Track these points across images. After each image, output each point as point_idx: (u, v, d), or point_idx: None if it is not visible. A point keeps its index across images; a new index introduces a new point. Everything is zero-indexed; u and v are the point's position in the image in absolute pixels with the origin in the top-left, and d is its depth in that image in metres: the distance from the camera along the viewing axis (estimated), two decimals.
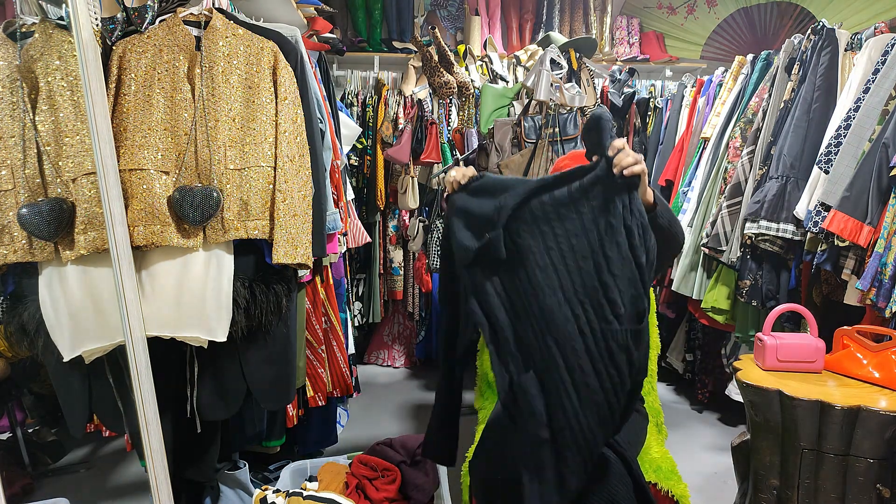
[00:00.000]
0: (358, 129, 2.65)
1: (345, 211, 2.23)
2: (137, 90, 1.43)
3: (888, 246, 1.67)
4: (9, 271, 1.49)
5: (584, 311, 1.20)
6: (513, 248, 1.25)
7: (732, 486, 2.16)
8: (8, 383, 2.04)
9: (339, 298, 2.26)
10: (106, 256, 1.40)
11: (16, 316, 1.45)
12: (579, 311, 1.20)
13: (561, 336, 1.21)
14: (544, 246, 1.23)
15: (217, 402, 1.63)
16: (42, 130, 1.40)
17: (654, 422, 1.71)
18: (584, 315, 1.20)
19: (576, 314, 1.21)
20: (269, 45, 1.52)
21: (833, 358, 1.60)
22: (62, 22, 1.42)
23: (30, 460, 2.25)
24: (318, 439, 2.28)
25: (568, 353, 1.21)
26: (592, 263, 1.20)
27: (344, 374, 2.18)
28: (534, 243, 1.23)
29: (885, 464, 1.35)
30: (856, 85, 1.99)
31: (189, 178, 1.46)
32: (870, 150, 1.81)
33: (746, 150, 2.38)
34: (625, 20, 4.16)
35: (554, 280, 1.22)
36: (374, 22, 3.89)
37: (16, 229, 1.39)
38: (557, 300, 1.22)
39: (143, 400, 1.40)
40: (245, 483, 1.95)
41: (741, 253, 2.30)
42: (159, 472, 1.43)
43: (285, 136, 1.51)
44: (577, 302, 1.21)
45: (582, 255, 1.20)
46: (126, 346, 1.39)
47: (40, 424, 2.41)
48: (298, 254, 1.52)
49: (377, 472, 1.70)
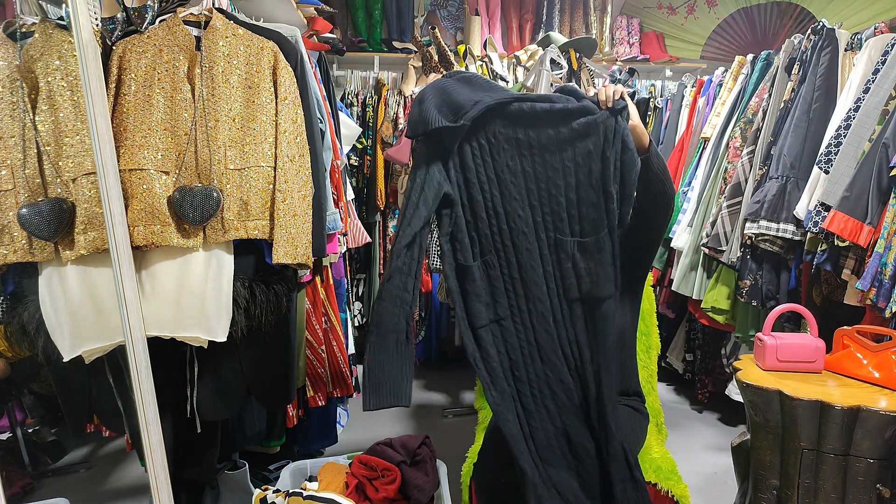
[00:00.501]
0: (358, 129, 2.65)
1: (345, 211, 2.23)
2: (137, 90, 1.43)
3: (888, 246, 1.67)
4: (9, 271, 1.49)
5: (544, 220, 1.28)
6: (485, 146, 1.28)
7: (732, 486, 2.16)
8: (8, 383, 2.04)
9: (339, 298, 2.26)
10: (106, 256, 1.40)
11: (16, 316, 1.45)
12: (539, 218, 1.29)
13: (518, 237, 1.29)
14: (517, 152, 1.28)
15: (217, 402, 1.63)
16: (42, 130, 1.40)
17: (654, 422, 1.71)
18: (543, 223, 1.28)
19: (535, 220, 1.29)
20: (269, 45, 1.52)
21: (833, 358, 1.60)
22: (62, 22, 1.42)
23: (30, 460, 2.25)
24: (318, 439, 2.28)
25: (522, 254, 1.29)
26: (562, 179, 1.27)
27: (344, 374, 2.18)
28: (507, 147, 1.28)
29: (885, 464, 1.35)
30: (856, 85, 1.99)
31: (189, 178, 1.46)
32: (870, 150, 1.81)
33: (746, 150, 2.38)
34: (625, 20, 4.16)
35: (521, 185, 1.28)
36: (374, 22, 3.89)
37: (16, 229, 1.39)
38: (521, 203, 1.29)
39: (143, 400, 1.40)
40: (245, 483, 1.94)
41: (741, 253, 2.30)
42: (159, 472, 1.43)
43: (285, 136, 1.51)
44: (539, 210, 1.28)
45: (553, 168, 1.27)
46: (126, 346, 1.39)
47: (40, 424, 2.41)
48: (298, 254, 1.52)
49: (377, 472, 1.70)
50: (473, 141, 1.28)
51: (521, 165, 1.27)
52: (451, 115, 1.24)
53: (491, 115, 1.26)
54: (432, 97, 1.26)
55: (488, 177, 1.29)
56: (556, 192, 1.27)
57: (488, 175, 1.29)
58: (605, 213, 1.25)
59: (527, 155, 1.27)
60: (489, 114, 1.26)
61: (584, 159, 1.24)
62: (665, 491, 1.42)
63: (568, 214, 1.27)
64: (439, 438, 1.57)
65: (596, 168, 1.24)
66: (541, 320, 1.30)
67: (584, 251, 1.26)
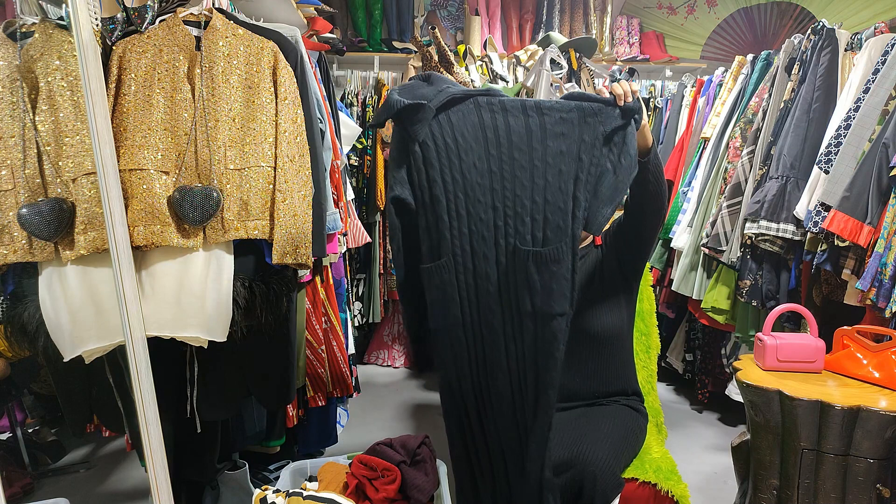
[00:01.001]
0: (358, 129, 2.65)
1: (345, 211, 2.23)
2: (137, 90, 1.43)
3: (888, 246, 1.67)
4: (9, 271, 1.49)
5: (506, 224, 1.23)
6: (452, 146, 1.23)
7: (732, 486, 2.16)
8: (8, 383, 2.04)
9: (339, 298, 2.26)
10: (106, 256, 1.40)
11: (16, 316, 1.45)
12: (501, 222, 1.23)
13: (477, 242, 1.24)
14: (485, 152, 1.22)
15: (217, 402, 1.63)
16: (42, 130, 1.40)
17: (654, 422, 1.71)
18: (504, 228, 1.23)
19: (496, 224, 1.23)
20: (269, 45, 1.52)
21: (833, 358, 1.60)
22: (62, 22, 1.42)
23: (30, 460, 2.25)
24: (318, 439, 2.28)
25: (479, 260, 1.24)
26: (530, 180, 1.20)
27: (344, 374, 2.18)
28: (475, 146, 1.22)
29: (885, 464, 1.35)
30: (856, 85, 1.99)
31: (189, 178, 1.46)
32: (870, 150, 1.81)
33: (746, 150, 2.38)
34: (625, 20, 4.16)
35: (487, 186, 1.22)
36: (374, 22, 3.89)
37: (16, 229, 1.39)
38: (484, 206, 1.23)
39: (143, 400, 1.40)
40: (245, 483, 1.95)
41: (741, 253, 2.30)
42: (159, 473, 1.43)
43: (285, 136, 1.51)
44: (501, 212, 1.23)
45: (521, 167, 1.21)
46: (126, 346, 1.39)
47: (40, 424, 2.41)
48: (298, 254, 1.52)
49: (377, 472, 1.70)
50: (440, 139, 1.22)
51: (489, 165, 1.22)
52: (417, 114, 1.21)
53: (460, 112, 1.21)
54: (399, 90, 1.23)
55: (453, 177, 1.23)
56: (521, 193, 1.21)
57: (454, 175, 1.23)
58: (570, 220, 1.19)
59: (494, 154, 1.22)
60: (457, 111, 1.21)
61: (555, 160, 1.19)
62: (665, 491, 1.42)
63: (531, 219, 1.21)
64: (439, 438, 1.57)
65: (567, 170, 1.18)
66: (490, 331, 1.26)
67: (541, 263, 1.20)
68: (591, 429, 1.42)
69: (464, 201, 1.23)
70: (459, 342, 1.27)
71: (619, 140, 1.20)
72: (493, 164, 1.22)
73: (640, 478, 1.43)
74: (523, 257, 1.20)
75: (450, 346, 1.28)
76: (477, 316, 1.26)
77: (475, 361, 1.28)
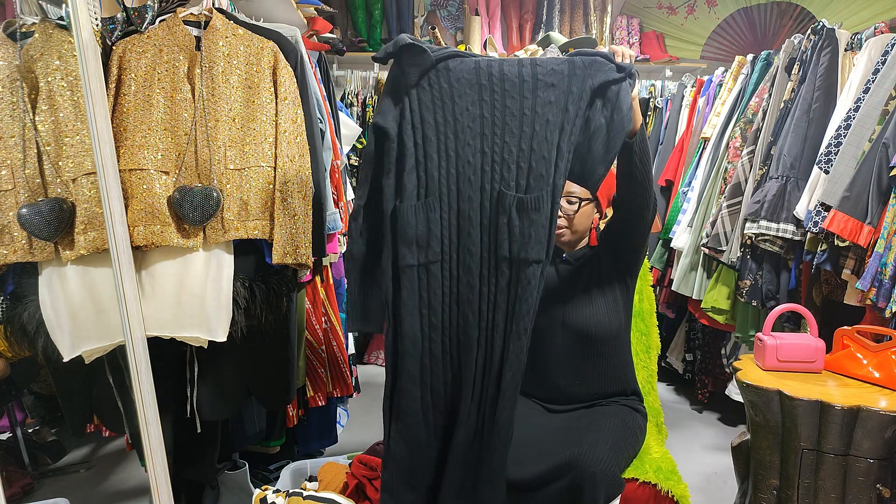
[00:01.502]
0: (358, 129, 2.65)
1: (345, 211, 2.23)
2: (137, 90, 1.43)
3: (888, 246, 1.67)
4: (9, 271, 1.49)
5: (493, 169, 1.26)
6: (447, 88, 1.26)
7: (732, 486, 2.16)
8: (8, 383, 2.04)
9: (339, 298, 2.26)
10: (106, 256, 1.40)
11: (16, 316, 1.45)
12: (488, 167, 1.26)
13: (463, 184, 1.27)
14: (478, 97, 1.25)
15: (217, 402, 1.63)
16: (42, 130, 1.40)
17: (653, 422, 1.71)
18: (491, 173, 1.26)
19: (483, 169, 1.26)
20: (269, 45, 1.52)
21: (833, 358, 1.60)
22: (62, 22, 1.42)
23: (30, 460, 2.25)
24: (318, 439, 2.28)
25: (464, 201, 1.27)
26: (518, 128, 1.24)
27: (344, 374, 2.18)
28: (469, 92, 1.25)
29: (885, 464, 1.35)
30: (856, 85, 1.99)
31: (189, 178, 1.46)
32: (870, 150, 1.81)
33: (746, 150, 2.38)
34: (625, 20, 4.16)
35: (477, 130, 1.26)
36: (374, 22, 3.89)
37: (16, 229, 1.39)
38: (472, 150, 1.26)
39: (143, 400, 1.40)
40: (245, 483, 1.95)
41: (741, 253, 2.30)
42: (159, 473, 1.43)
43: (285, 136, 1.51)
44: (489, 157, 1.26)
45: (511, 114, 1.24)
46: (126, 346, 1.40)
47: (40, 424, 2.41)
48: (298, 254, 1.52)
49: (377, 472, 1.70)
50: (435, 82, 1.25)
51: (481, 110, 1.25)
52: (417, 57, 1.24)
53: (458, 60, 1.25)
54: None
55: (445, 118, 1.26)
56: (509, 139, 1.24)
57: (446, 117, 1.26)
58: (553, 169, 1.23)
59: (487, 101, 1.24)
60: (456, 59, 1.25)
61: (544, 109, 1.22)
62: (665, 491, 1.42)
63: (517, 165, 1.24)
64: None
65: (554, 120, 1.22)
66: (466, 272, 1.28)
67: (522, 209, 1.24)
68: (590, 430, 1.41)
69: (454, 143, 1.26)
70: (436, 279, 1.29)
71: (613, 96, 1.23)
72: (485, 110, 1.25)
73: (640, 478, 1.43)
74: (506, 202, 1.24)
75: (426, 284, 1.29)
76: (456, 255, 1.29)
77: (448, 299, 1.30)
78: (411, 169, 1.27)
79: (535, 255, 1.24)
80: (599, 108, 1.23)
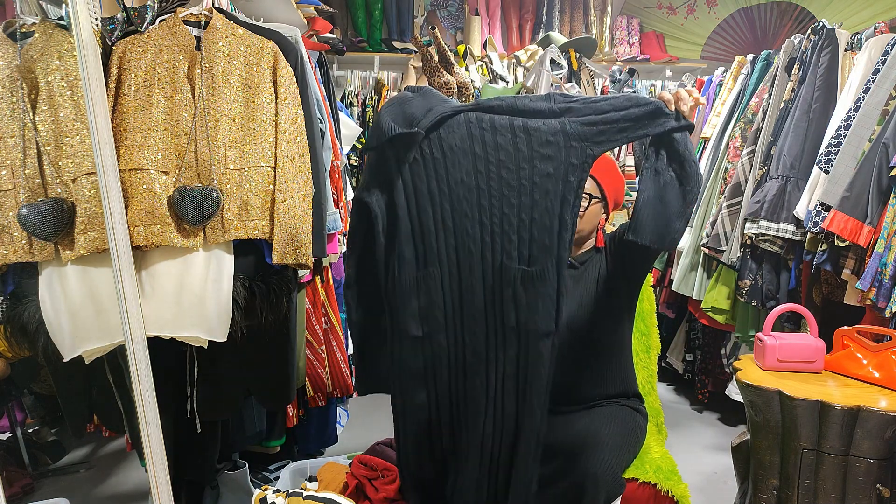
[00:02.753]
0: (358, 129, 2.65)
1: (345, 211, 2.23)
2: (137, 90, 1.43)
3: (888, 246, 1.68)
4: (9, 271, 1.49)
5: (493, 240, 1.22)
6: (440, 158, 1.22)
7: (732, 486, 2.15)
8: (8, 383, 2.04)
9: (339, 298, 2.26)
10: (106, 256, 1.40)
11: (16, 316, 1.45)
12: (488, 238, 1.22)
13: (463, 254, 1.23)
14: (473, 167, 1.21)
15: (217, 401, 1.63)
16: (42, 130, 1.40)
17: (654, 422, 1.71)
18: (492, 244, 1.22)
19: (483, 240, 1.22)
20: (269, 45, 1.52)
21: (833, 358, 1.60)
22: (62, 22, 1.42)
23: (30, 460, 2.25)
24: (318, 439, 2.28)
25: (464, 272, 1.23)
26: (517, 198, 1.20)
27: (344, 374, 2.18)
28: (463, 161, 1.21)
29: (885, 464, 1.35)
30: (856, 85, 1.99)
31: (189, 178, 1.46)
32: (870, 150, 1.81)
33: (746, 150, 2.38)
34: (625, 20, 4.16)
35: (474, 201, 1.22)
36: (374, 22, 3.89)
37: (16, 229, 1.39)
38: (471, 221, 1.22)
39: (143, 400, 1.40)
40: (245, 483, 1.95)
41: (741, 253, 2.30)
42: (159, 473, 1.43)
43: (285, 136, 1.51)
44: (489, 228, 1.22)
45: (508, 185, 1.20)
46: (126, 346, 1.39)
47: (40, 424, 2.41)
48: (298, 254, 1.52)
49: (377, 472, 1.70)
50: (428, 153, 1.22)
51: (476, 181, 1.21)
52: (405, 124, 1.21)
53: (449, 127, 1.21)
54: (389, 110, 1.23)
55: (440, 188, 1.23)
56: (508, 210, 1.20)
57: (440, 187, 1.23)
58: (557, 240, 1.18)
59: (482, 171, 1.21)
60: (447, 126, 1.21)
61: (542, 180, 1.18)
62: (665, 491, 1.42)
63: (518, 236, 1.20)
64: None
65: (554, 190, 1.17)
66: (472, 339, 1.25)
67: (527, 282, 1.19)
68: (591, 430, 1.41)
69: (450, 213, 1.23)
70: (441, 348, 1.26)
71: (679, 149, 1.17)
72: (480, 181, 1.21)
73: (640, 478, 1.43)
74: (510, 275, 1.20)
75: (431, 353, 1.27)
76: (461, 324, 1.26)
77: (454, 368, 1.27)
78: (407, 239, 1.25)
79: (543, 326, 1.19)
80: (665, 161, 1.18)
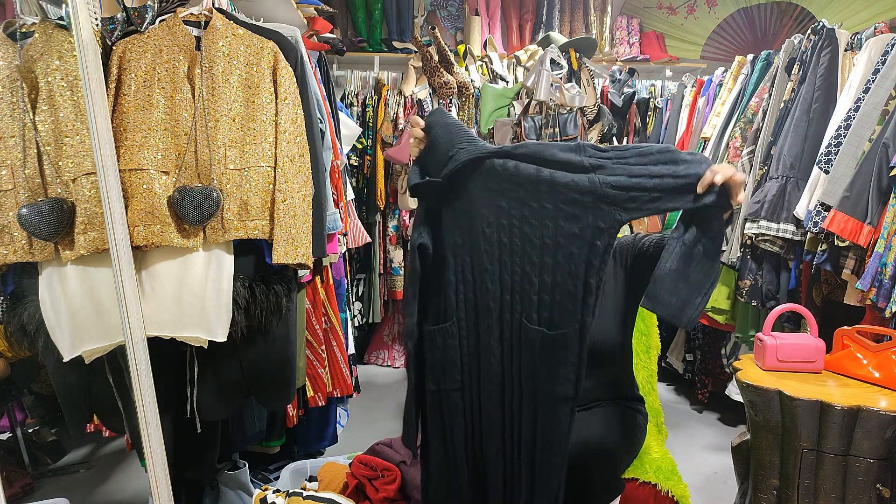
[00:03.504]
0: (358, 129, 2.65)
1: (345, 211, 2.23)
2: (137, 90, 1.43)
3: (888, 246, 1.68)
4: (9, 271, 1.49)
5: (512, 298, 1.17)
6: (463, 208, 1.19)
7: (732, 486, 2.16)
8: (8, 383, 2.04)
9: (339, 298, 2.26)
10: (106, 256, 1.40)
11: (16, 316, 1.45)
12: (508, 296, 1.17)
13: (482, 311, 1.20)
14: (496, 219, 1.16)
15: (217, 402, 1.63)
16: (42, 130, 1.40)
17: (654, 422, 1.71)
18: (511, 302, 1.17)
19: (503, 298, 1.18)
20: (269, 45, 1.52)
21: (833, 358, 1.60)
22: (62, 22, 1.42)
23: (30, 460, 2.25)
24: (318, 439, 2.28)
25: (482, 329, 1.20)
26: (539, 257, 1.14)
27: (344, 374, 2.18)
28: (487, 212, 1.17)
29: (885, 464, 1.35)
30: (856, 85, 1.99)
31: (189, 178, 1.46)
32: (870, 150, 1.81)
33: (746, 150, 2.38)
34: (625, 20, 4.16)
35: (495, 255, 1.17)
36: (374, 22, 3.89)
37: (16, 229, 1.39)
38: (491, 276, 1.18)
39: (143, 400, 1.40)
40: (245, 483, 1.95)
41: (741, 253, 2.30)
42: (159, 472, 1.43)
43: (285, 136, 1.51)
44: (509, 286, 1.17)
45: (530, 243, 1.14)
46: (126, 346, 1.39)
47: (40, 424, 2.41)
48: (298, 254, 1.52)
49: (377, 472, 1.70)
50: (453, 199, 1.18)
51: (499, 235, 1.16)
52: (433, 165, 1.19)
53: (473, 174, 1.16)
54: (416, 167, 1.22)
55: (462, 240, 1.19)
56: (530, 269, 1.14)
57: (462, 238, 1.19)
58: (581, 306, 1.10)
59: (505, 224, 1.15)
60: (472, 175, 1.16)
61: (567, 241, 1.10)
62: (665, 491, 1.42)
63: (538, 297, 1.14)
64: None
65: (579, 253, 1.09)
66: (487, 402, 1.22)
67: (547, 346, 1.13)
68: (591, 430, 1.41)
69: (471, 266, 1.20)
70: (456, 407, 1.25)
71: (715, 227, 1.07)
72: (503, 235, 1.16)
73: (640, 478, 1.43)
74: (529, 336, 1.15)
75: (448, 409, 1.26)
76: (477, 384, 1.23)
77: (470, 428, 1.26)
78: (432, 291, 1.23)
79: (563, 391, 1.13)
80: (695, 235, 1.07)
